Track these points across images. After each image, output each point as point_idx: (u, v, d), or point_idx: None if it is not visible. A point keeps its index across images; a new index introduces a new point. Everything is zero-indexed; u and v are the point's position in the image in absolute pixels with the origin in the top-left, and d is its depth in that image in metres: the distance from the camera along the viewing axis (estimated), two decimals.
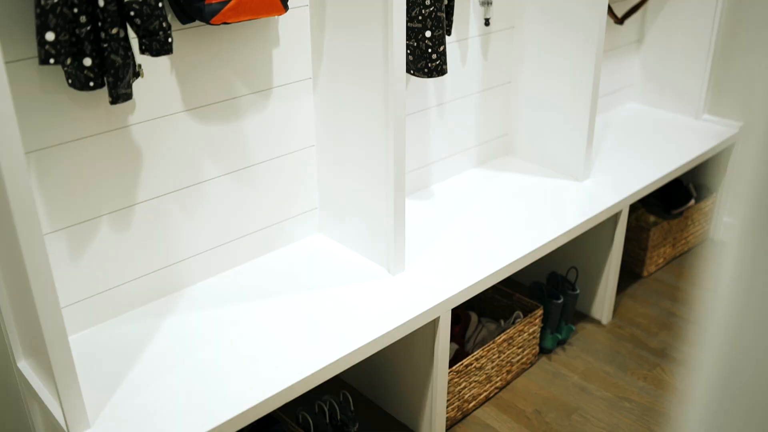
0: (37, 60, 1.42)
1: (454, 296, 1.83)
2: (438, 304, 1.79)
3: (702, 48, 2.88)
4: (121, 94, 1.44)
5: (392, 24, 1.65)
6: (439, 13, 1.86)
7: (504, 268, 1.95)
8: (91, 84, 1.42)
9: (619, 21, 2.86)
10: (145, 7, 1.40)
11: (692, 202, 2.85)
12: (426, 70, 1.91)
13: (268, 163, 1.91)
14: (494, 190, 2.37)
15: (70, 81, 1.42)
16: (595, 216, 2.23)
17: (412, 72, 1.93)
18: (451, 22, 2.02)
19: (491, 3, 2.23)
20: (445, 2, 1.96)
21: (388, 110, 1.74)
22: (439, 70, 1.92)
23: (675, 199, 2.84)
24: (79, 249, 1.62)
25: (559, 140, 2.45)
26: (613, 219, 2.37)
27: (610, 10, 2.80)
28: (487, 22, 2.24)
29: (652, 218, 2.86)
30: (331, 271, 1.92)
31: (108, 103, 1.54)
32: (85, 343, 1.64)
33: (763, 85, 0.39)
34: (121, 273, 1.71)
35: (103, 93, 1.55)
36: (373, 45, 1.71)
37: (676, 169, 2.57)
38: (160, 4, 1.42)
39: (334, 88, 1.87)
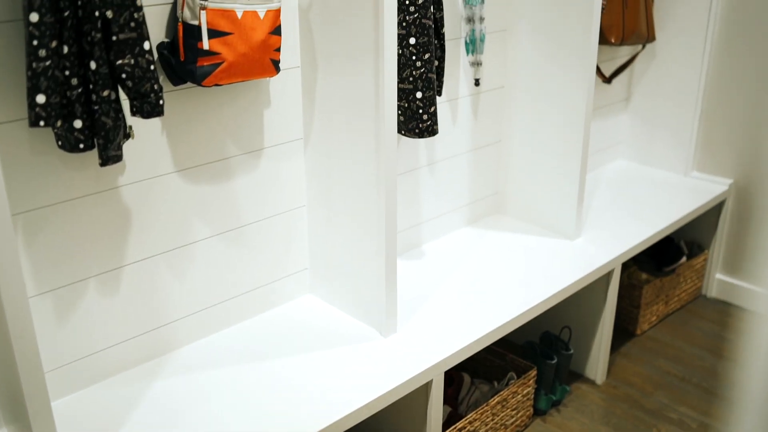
0: (27, 122, 1.42)
1: (447, 358, 1.80)
2: (431, 367, 1.76)
3: (689, 105, 2.91)
4: (111, 156, 1.44)
5: (383, 85, 1.65)
6: (429, 75, 1.88)
7: (497, 329, 1.93)
8: (81, 146, 1.41)
9: (607, 80, 2.89)
10: (136, 70, 1.40)
11: (684, 259, 2.85)
12: (417, 131, 1.92)
13: (258, 223, 1.89)
14: (486, 249, 2.36)
15: (60, 143, 1.42)
16: (588, 275, 2.22)
17: (403, 132, 1.94)
18: (442, 83, 2.03)
19: (481, 64, 2.25)
20: (436, 63, 1.97)
21: (380, 171, 1.73)
22: (430, 130, 1.92)
23: (667, 257, 2.84)
24: (66, 312, 1.59)
25: (550, 198, 2.45)
26: (606, 277, 2.36)
27: (598, 70, 2.84)
28: (477, 83, 2.26)
29: (644, 276, 2.85)
30: (321, 334, 1.89)
31: (98, 165, 1.53)
32: (69, 409, 1.60)
33: None
34: (108, 336, 1.68)
35: (93, 154, 1.54)
36: (364, 106, 1.72)
37: (668, 227, 2.57)
38: (152, 67, 1.42)
39: (326, 149, 1.87)
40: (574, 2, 2.20)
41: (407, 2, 1.82)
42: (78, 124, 1.39)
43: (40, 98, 1.32)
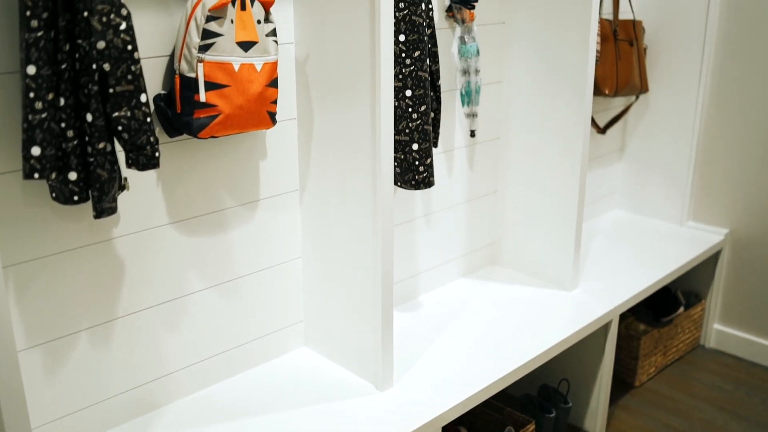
0: (20, 174, 1.41)
1: (444, 413, 1.77)
2: (428, 423, 1.72)
3: (683, 155, 2.93)
4: (105, 209, 1.42)
5: (380, 137, 1.66)
6: (426, 126, 1.88)
7: (495, 383, 1.90)
8: (76, 198, 1.40)
9: (602, 131, 2.91)
10: (133, 122, 1.40)
11: (681, 309, 2.83)
12: (413, 182, 1.92)
13: (253, 275, 1.87)
14: (482, 301, 2.34)
15: (54, 195, 1.41)
16: (586, 326, 2.20)
17: (399, 184, 1.94)
18: (438, 134, 2.04)
19: (476, 115, 2.26)
20: (432, 115, 1.98)
21: (376, 222, 1.73)
22: (427, 182, 1.92)
23: (664, 307, 2.82)
24: (56, 365, 1.56)
25: (546, 249, 2.44)
26: (604, 329, 2.34)
27: (593, 121, 2.86)
28: (472, 134, 2.27)
29: (642, 326, 2.83)
30: (315, 388, 1.86)
31: (92, 217, 1.52)
32: None
33: None
34: (99, 390, 1.64)
35: (87, 206, 1.53)
36: (360, 158, 1.72)
37: (664, 277, 2.56)
38: (148, 119, 1.42)
39: (322, 200, 1.87)
40: (568, 55, 2.23)
41: (403, 55, 1.84)
42: (73, 176, 1.38)
43: (35, 150, 1.31)
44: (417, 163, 1.90)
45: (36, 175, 1.32)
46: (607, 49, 2.68)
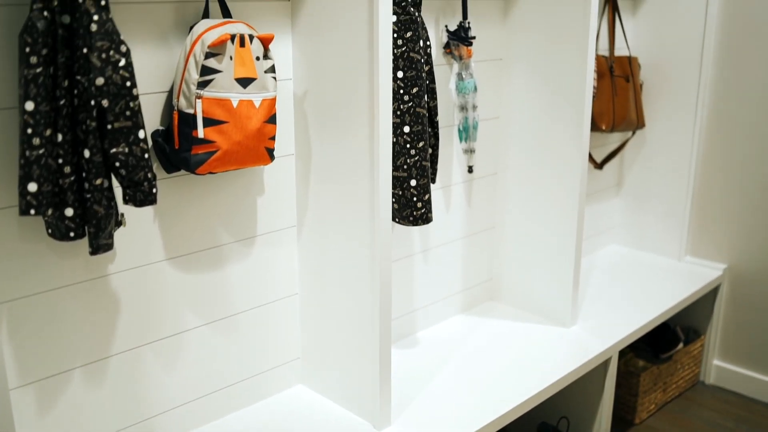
0: (17, 209, 1.40)
1: None
2: None
3: (681, 190, 2.93)
4: (102, 245, 1.41)
5: (378, 173, 1.65)
6: (424, 162, 1.88)
7: (494, 421, 1.88)
8: (72, 234, 1.39)
9: (599, 166, 2.91)
10: (130, 158, 1.39)
11: (680, 345, 2.81)
12: (411, 219, 1.91)
13: (249, 312, 1.86)
14: (480, 338, 2.32)
15: (50, 231, 1.40)
16: (585, 364, 2.18)
17: (397, 220, 1.93)
18: (436, 170, 2.04)
19: (474, 151, 2.26)
20: (430, 151, 1.98)
21: (374, 259, 1.71)
22: (425, 218, 1.91)
23: (663, 343, 2.80)
24: (49, 404, 1.54)
25: (544, 285, 2.43)
26: (603, 366, 2.32)
27: (590, 156, 2.86)
28: (470, 170, 2.27)
29: (641, 363, 2.81)
30: (312, 427, 1.83)
31: (87, 253, 1.51)
32: None
33: None
34: (93, 428, 1.61)
35: (84, 242, 1.52)
36: (358, 194, 1.71)
37: (663, 313, 2.55)
38: (146, 155, 1.41)
39: (319, 236, 1.86)
40: (565, 91, 2.23)
41: (402, 91, 1.84)
42: (69, 212, 1.37)
43: (32, 186, 1.30)
44: (415, 199, 1.89)
45: (32, 212, 1.31)
46: (603, 85, 2.70)
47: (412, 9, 1.83)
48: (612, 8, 2.78)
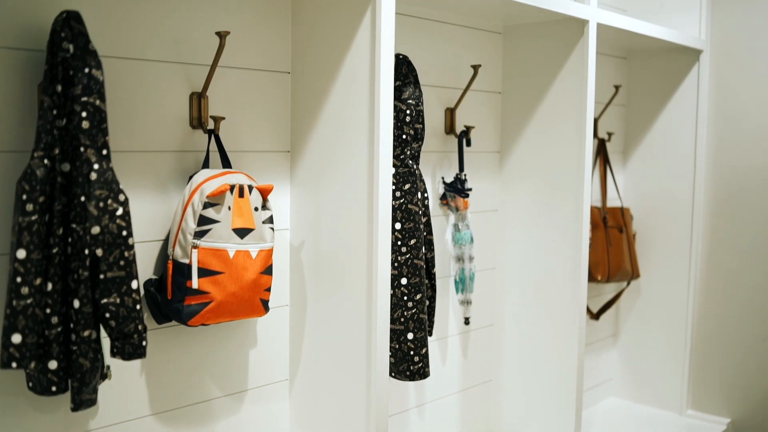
0: None
1: None
2: None
3: (679, 340, 2.87)
4: (84, 401, 1.34)
5: (375, 327, 1.61)
6: (421, 315, 1.84)
7: None
8: (54, 389, 1.32)
9: (595, 317, 2.88)
10: (121, 309, 1.34)
11: None
12: (408, 373, 1.84)
13: None
14: None
15: (30, 384, 1.33)
16: None
17: (393, 375, 1.86)
18: (433, 322, 1.99)
19: (471, 302, 2.23)
20: (427, 303, 1.94)
21: (370, 415, 1.64)
22: (422, 373, 1.85)
23: None
24: None
25: None
26: None
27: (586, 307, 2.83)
28: (467, 321, 2.22)
29: None
30: None
31: (69, 409, 1.43)
32: None
33: None
34: None
35: (65, 397, 1.44)
36: (355, 347, 1.66)
37: None
38: (138, 306, 1.37)
39: (312, 390, 1.78)
40: (561, 242, 2.23)
41: (399, 243, 1.83)
42: (53, 365, 1.31)
43: (16, 338, 1.25)
44: (412, 353, 1.84)
45: (14, 365, 1.25)
46: (597, 236, 2.71)
47: (410, 162, 1.85)
48: (603, 160, 2.83)
